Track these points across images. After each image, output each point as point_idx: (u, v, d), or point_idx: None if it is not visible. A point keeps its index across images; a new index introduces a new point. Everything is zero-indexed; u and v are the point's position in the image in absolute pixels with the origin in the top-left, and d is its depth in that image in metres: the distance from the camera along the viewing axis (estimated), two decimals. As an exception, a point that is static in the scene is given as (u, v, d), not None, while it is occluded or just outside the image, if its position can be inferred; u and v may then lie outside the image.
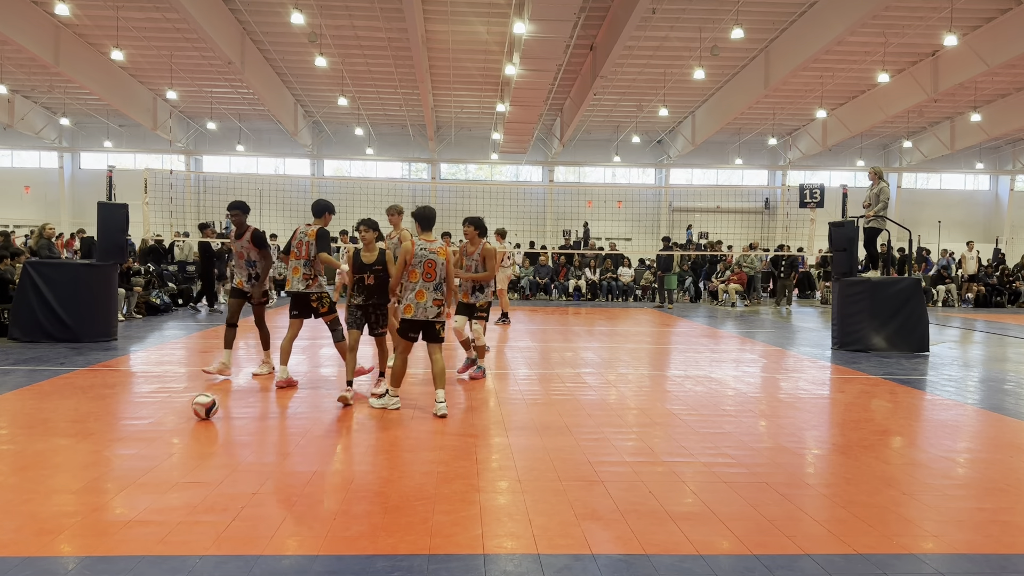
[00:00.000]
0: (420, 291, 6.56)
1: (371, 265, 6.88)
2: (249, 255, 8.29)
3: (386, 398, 6.79)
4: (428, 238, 6.70)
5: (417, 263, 6.57)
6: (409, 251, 6.61)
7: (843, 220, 12.37)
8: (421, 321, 6.59)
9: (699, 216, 34.56)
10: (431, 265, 6.57)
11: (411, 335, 6.66)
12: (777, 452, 5.54)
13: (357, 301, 6.93)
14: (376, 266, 6.88)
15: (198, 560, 3.43)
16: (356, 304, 6.94)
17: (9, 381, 7.72)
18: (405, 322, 6.64)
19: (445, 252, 6.70)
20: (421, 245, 6.62)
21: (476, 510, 4.15)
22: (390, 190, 32.27)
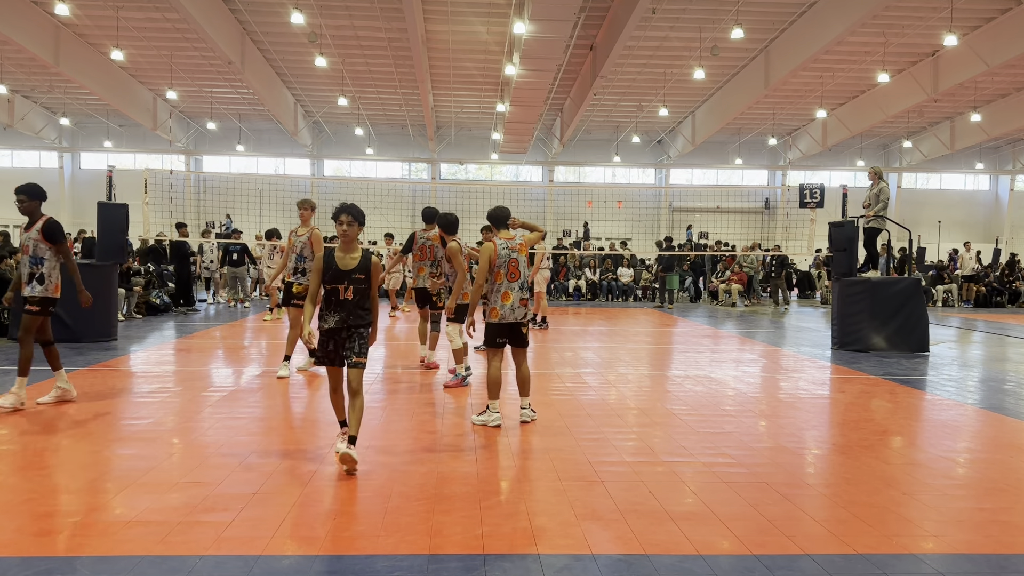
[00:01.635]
0: (506, 292, 6.24)
1: (351, 272, 4.93)
2: (36, 249, 6.72)
3: (487, 414, 6.27)
4: (508, 236, 6.40)
5: (501, 264, 6.24)
6: (493, 252, 6.27)
7: (843, 220, 12.38)
8: (508, 324, 6.27)
9: (699, 216, 34.57)
10: (515, 264, 6.28)
11: (499, 340, 6.30)
12: (777, 452, 5.54)
13: (329, 324, 4.94)
14: (357, 273, 4.93)
15: (198, 560, 3.43)
16: (329, 329, 4.95)
17: (9, 381, 7.72)
18: (492, 327, 6.28)
19: (524, 249, 6.44)
20: (503, 244, 6.31)
21: (476, 510, 4.15)
22: (390, 190, 32.31)
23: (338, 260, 4.96)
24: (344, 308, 4.95)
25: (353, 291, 4.93)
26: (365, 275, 4.97)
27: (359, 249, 5.04)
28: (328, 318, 4.97)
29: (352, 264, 4.96)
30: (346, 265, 4.95)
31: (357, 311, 4.96)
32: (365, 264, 4.99)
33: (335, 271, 4.94)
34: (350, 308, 4.95)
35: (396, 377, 8.73)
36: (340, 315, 4.96)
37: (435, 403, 7.10)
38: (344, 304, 4.95)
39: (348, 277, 4.93)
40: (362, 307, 4.99)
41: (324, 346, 5.01)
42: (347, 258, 4.97)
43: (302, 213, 8.88)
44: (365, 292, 4.99)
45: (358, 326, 4.99)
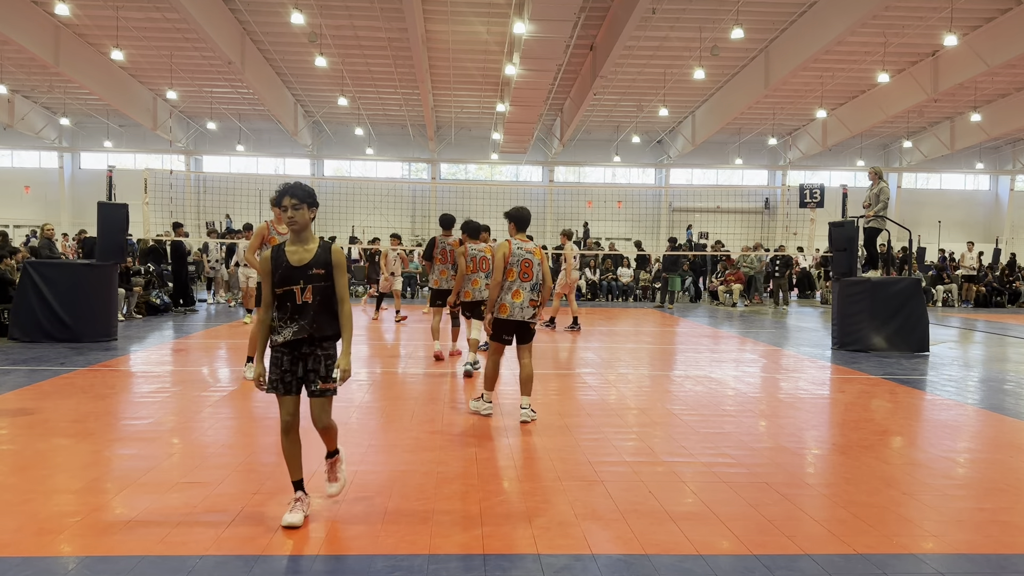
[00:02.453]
0: (517, 291, 6.39)
1: (307, 268, 3.93)
2: None
3: (480, 402, 6.61)
4: (523, 238, 6.59)
5: (515, 262, 6.41)
6: (507, 251, 6.45)
7: (843, 220, 12.38)
8: (515, 322, 6.42)
9: (699, 216, 34.58)
10: (528, 265, 6.43)
11: (505, 337, 6.47)
12: (777, 452, 5.54)
13: (285, 336, 3.92)
14: (315, 269, 3.93)
15: (198, 560, 3.43)
16: (285, 343, 3.94)
17: (9, 381, 7.72)
18: (499, 322, 6.44)
19: (540, 253, 6.62)
20: (517, 244, 6.48)
21: (476, 510, 4.15)
22: (390, 190, 32.32)
23: (289, 255, 3.93)
24: (303, 314, 3.89)
25: (313, 292, 3.90)
26: (326, 270, 3.94)
27: (315, 239, 4.02)
28: (283, 329, 3.91)
29: (307, 257, 3.92)
30: (300, 260, 3.91)
31: (322, 318, 3.92)
32: (324, 256, 3.95)
33: (286, 269, 3.90)
34: (312, 314, 3.89)
35: (395, 377, 8.73)
36: (299, 324, 3.89)
37: (435, 403, 7.10)
38: (303, 309, 3.89)
39: (304, 274, 3.90)
40: (328, 312, 3.95)
41: (277, 365, 3.93)
42: (300, 251, 3.94)
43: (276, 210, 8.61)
44: (329, 292, 3.96)
45: (324, 338, 3.95)
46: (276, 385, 3.96)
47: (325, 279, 3.96)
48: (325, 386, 3.98)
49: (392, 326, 14.36)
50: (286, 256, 3.95)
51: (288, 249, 3.98)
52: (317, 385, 3.97)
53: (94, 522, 3.89)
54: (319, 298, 3.93)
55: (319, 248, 3.99)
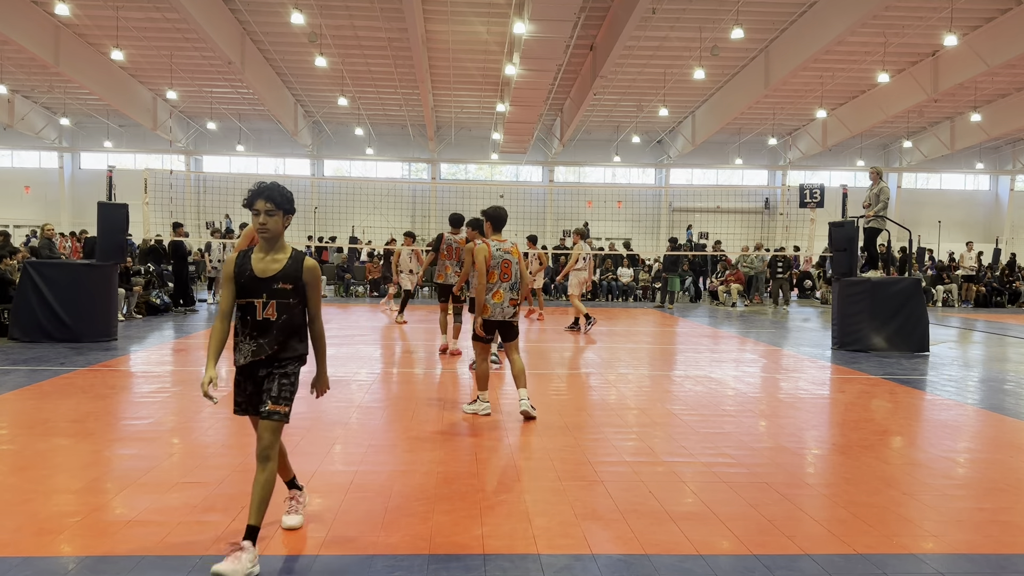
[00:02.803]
0: (498, 292, 6.52)
1: (271, 281, 3.52)
2: None
3: (477, 404, 6.60)
4: (500, 238, 6.70)
5: (495, 264, 6.52)
6: (487, 252, 6.53)
7: (843, 220, 12.38)
8: (498, 321, 6.56)
9: (699, 216, 34.59)
10: (507, 265, 6.56)
11: (488, 336, 6.62)
12: (777, 452, 5.54)
13: (245, 358, 3.58)
14: (281, 283, 3.52)
15: (198, 560, 3.43)
16: (243, 366, 3.61)
17: (9, 381, 7.72)
18: (484, 324, 6.57)
19: (517, 251, 6.74)
20: (496, 246, 6.58)
21: (476, 510, 4.15)
22: (390, 190, 32.32)
23: (254, 263, 3.51)
24: (264, 333, 3.51)
25: (277, 308, 3.49)
26: (294, 285, 3.51)
27: (287, 248, 3.58)
28: (242, 346, 3.56)
29: (274, 269, 3.50)
30: (265, 270, 3.49)
31: (285, 338, 3.53)
32: (294, 270, 3.52)
33: (249, 279, 3.48)
34: (274, 334, 3.51)
35: (396, 376, 8.73)
36: (258, 343, 3.52)
37: (435, 403, 7.10)
38: (264, 327, 3.50)
39: (268, 288, 3.47)
40: (293, 333, 3.55)
41: (241, 388, 3.63)
42: (268, 260, 3.51)
43: None
44: (297, 311, 3.55)
45: (284, 360, 3.55)
46: (244, 407, 3.66)
47: (292, 296, 3.52)
48: (275, 408, 3.50)
49: (395, 325, 14.36)
50: (251, 264, 3.52)
51: (255, 256, 3.54)
52: (266, 406, 3.51)
53: (94, 522, 3.89)
54: (284, 316, 3.51)
55: (290, 260, 3.53)
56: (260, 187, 3.52)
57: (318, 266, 3.67)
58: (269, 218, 3.50)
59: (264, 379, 3.58)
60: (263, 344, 3.53)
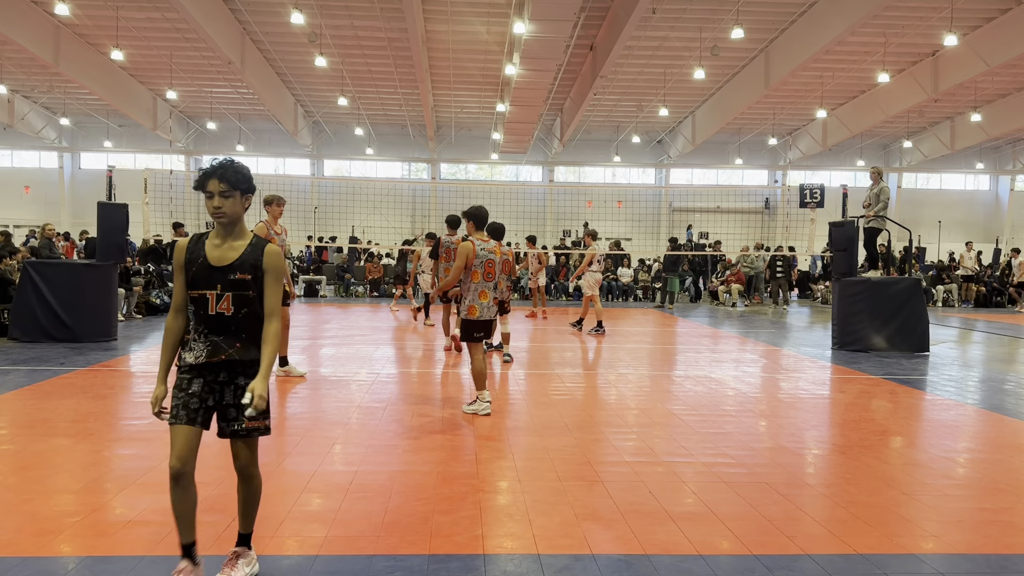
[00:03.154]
0: (483, 291, 6.63)
1: (228, 270, 3.12)
2: None
3: (477, 403, 6.61)
4: (484, 238, 6.79)
5: (479, 264, 6.61)
6: (471, 251, 6.59)
7: (843, 220, 12.38)
8: (484, 321, 6.66)
9: (699, 216, 34.57)
10: (491, 265, 6.68)
11: (476, 335, 6.70)
12: (777, 452, 5.54)
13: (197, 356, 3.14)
14: (239, 272, 3.11)
15: (198, 560, 3.42)
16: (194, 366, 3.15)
17: (9, 381, 7.72)
18: (470, 323, 6.63)
19: (499, 250, 6.87)
20: (481, 245, 6.67)
21: (476, 510, 4.15)
22: (390, 190, 32.31)
23: (209, 250, 3.13)
24: (219, 330, 3.12)
25: (234, 302, 3.10)
26: (253, 275, 3.11)
27: (246, 234, 3.18)
28: (194, 345, 3.14)
29: (231, 257, 3.11)
30: (221, 258, 3.11)
31: (247, 337, 3.14)
32: (253, 257, 3.13)
33: (202, 267, 3.10)
34: (232, 331, 3.12)
35: (396, 376, 8.73)
36: (213, 342, 3.12)
37: (436, 403, 7.10)
38: (219, 324, 3.11)
39: (224, 278, 3.09)
40: (250, 328, 3.15)
41: (182, 387, 3.12)
42: (225, 247, 3.13)
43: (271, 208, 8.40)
44: (258, 305, 3.15)
45: (246, 361, 3.15)
46: (175, 412, 3.09)
47: (252, 287, 3.12)
48: (253, 424, 3.14)
49: (395, 325, 14.35)
50: (205, 251, 3.13)
51: (210, 242, 3.15)
52: (242, 424, 3.14)
53: (94, 522, 3.89)
54: (244, 311, 3.12)
55: (249, 247, 3.15)
56: (212, 166, 3.13)
57: (281, 254, 3.23)
58: (224, 200, 3.10)
59: (226, 387, 3.15)
60: (219, 343, 3.11)
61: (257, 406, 3.01)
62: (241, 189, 3.12)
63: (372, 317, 16.42)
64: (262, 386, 3.05)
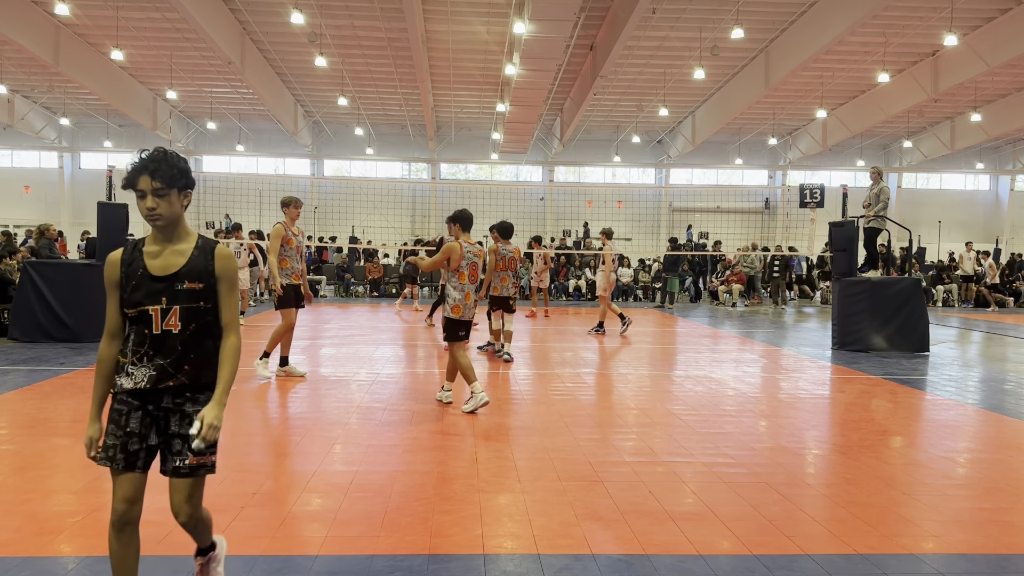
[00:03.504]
0: (468, 293, 6.82)
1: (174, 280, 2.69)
2: None
3: (473, 399, 6.66)
4: (469, 240, 6.92)
5: (465, 265, 6.77)
6: (457, 252, 6.74)
7: (843, 220, 12.38)
8: (467, 321, 6.85)
9: (699, 216, 34.57)
10: (475, 268, 6.86)
11: (461, 333, 6.86)
12: (777, 452, 5.54)
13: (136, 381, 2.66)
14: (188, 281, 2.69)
15: (198, 560, 3.42)
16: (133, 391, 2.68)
17: (9, 381, 7.72)
18: (454, 322, 6.79)
19: (482, 253, 7.09)
20: (468, 248, 6.82)
21: (476, 510, 4.15)
22: (390, 190, 32.31)
23: (148, 258, 2.68)
24: (166, 350, 2.66)
25: (182, 316, 2.66)
26: (205, 283, 2.70)
27: (190, 235, 2.75)
28: (133, 370, 2.66)
29: (177, 264, 2.68)
30: (165, 266, 2.68)
31: (197, 356, 2.70)
32: (203, 263, 2.71)
33: (142, 280, 2.65)
34: (181, 351, 2.67)
35: (396, 376, 8.73)
36: (158, 364, 2.65)
37: (436, 403, 7.10)
38: (165, 343, 2.66)
39: (169, 290, 2.65)
40: (208, 347, 2.72)
41: (119, 423, 2.65)
42: (168, 253, 2.70)
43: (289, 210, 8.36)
44: (210, 318, 2.73)
45: (197, 388, 2.72)
46: (112, 453, 2.63)
47: (203, 298, 2.70)
48: (199, 460, 2.71)
49: (394, 325, 14.35)
50: (143, 260, 2.68)
51: (148, 250, 2.70)
52: (185, 459, 2.68)
53: (94, 522, 3.89)
54: (193, 326, 2.68)
55: (197, 250, 2.72)
56: (142, 160, 2.64)
57: (235, 257, 2.81)
58: (159, 200, 2.63)
59: (171, 415, 2.70)
60: (165, 367, 2.64)
61: (207, 437, 2.58)
62: (178, 186, 2.67)
63: (372, 317, 16.42)
64: (215, 413, 2.62)
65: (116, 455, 2.64)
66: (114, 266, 2.69)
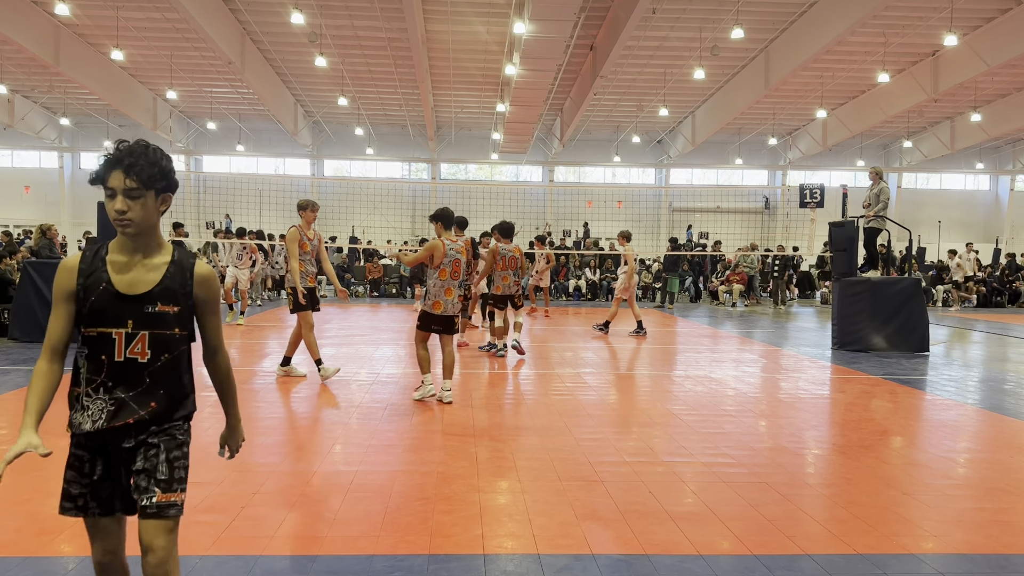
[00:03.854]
0: (449, 288, 6.98)
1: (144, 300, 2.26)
2: None
3: (423, 388, 7.00)
4: (451, 237, 7.10)
5: (447, 263, 6.93)
6: (440, 249, 6.91)
7: (843, 220, 12.38)
8: (445, 316, 6.98)
9: (699, 216, 34.56)
10: (457, 264, 7.00)
11: (434, 327, 7.02)
12: (777, 452, 5.54)
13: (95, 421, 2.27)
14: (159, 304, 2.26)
15: (198, 560, 3.43)
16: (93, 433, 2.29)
17: (9, 381, 7.72)
18: (430, 316, 6.97)
19: (464, 250, 7.25)
20: (450, 245, 6.97)
21: (476, 510, 4.15)
22: (390, 190, 32.31)
23: (113, 271, 2.25)
24: (130, 381, 2.26)
25: (152, 343, 2.26)
26: (181, 306, 2.29)
27: (163, 247, 2.32)
28: (88, 403, 2.27)
29: (149, 281, 2.26)
30: (134, 283, 2.25)
31: (165, 389, 2.30)
32: (179, 280, 2.30)
33: (104, 296, 2.24)
34: (148, 383, 2.27)
35: (396, 376, 8.73)
36: (119, 398, 2.26)
37: (435, 402, 7.10)
38: (130, 373, 2.26)
39: (138, 311, 2.24)
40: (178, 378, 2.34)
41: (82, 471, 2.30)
42: (137, 268, 2.27)
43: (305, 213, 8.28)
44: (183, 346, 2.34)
45: (165, 423, 2.31)
46: (83, 503, 2.27)
47: (178, 323, 2.29)
48: (167, 497, 2.25)
49: (396, 326, 14.34)
50: (107, 272, 2.24)
51: (113, 260, 2.26)
52: (152, 496, 2.23)
53: (94, 522, 3.89)
54: (165, 356, 2.27)
55: (172, 266, 2.29)
56: (118, 151, 2.19)
57: (215, 274, 2.41)
58: (132, 202, 2.17)
59: (135, 454, 2.26)
60: (126, 402, 2.23)
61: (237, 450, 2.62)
62: (157, 188, 2.21)
63: (372, 317, 16.43)
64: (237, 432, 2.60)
65: (88, 503, 2.28)
66: (69, 274, 2.25)
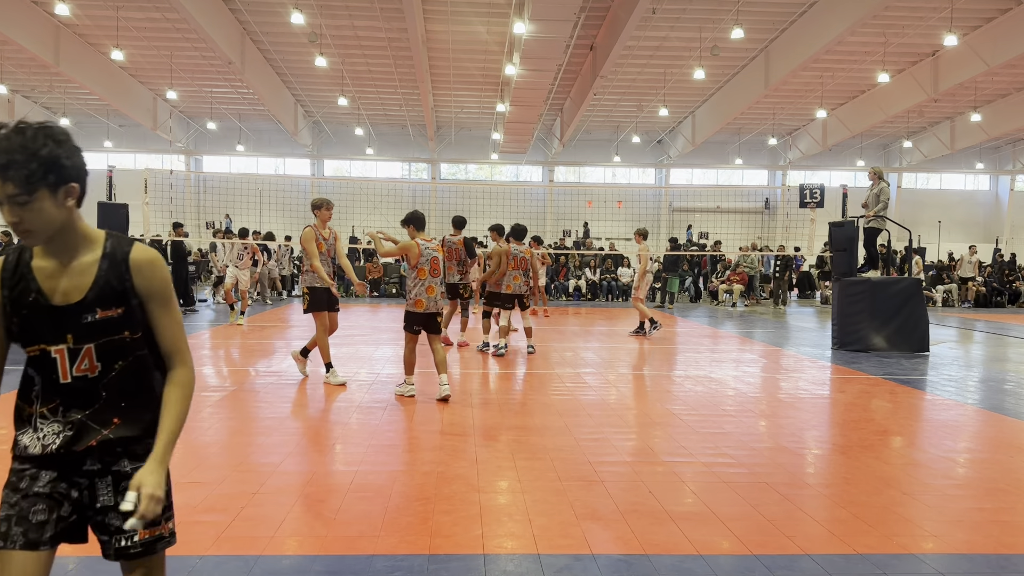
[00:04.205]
0: (430, 286, 7.09)
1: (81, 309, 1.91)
2: None
3: (403, 386, 7.29)
4: (426, 238, 7.26)
5: (424, 262, 7.08)
6: (414, 250, 7.07)
7: (843, 220, 12.38)
8: (426, 314, 7.09)
9: (699, 216, 34.56)
10: (436, 261, 7.15)
11: (416, 328, 7.14)
12: (777, 452, 5.54)
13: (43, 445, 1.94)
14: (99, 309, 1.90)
15: (198, 560, 3.43)
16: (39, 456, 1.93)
17: (9, 381, 7.70)
18: (413, 315, 7.13)
19: (441, 249, 7.47)
20: (424, 245, 7.14)
21: (476, 510, 4.15)
22: (390, 190, 32.31)
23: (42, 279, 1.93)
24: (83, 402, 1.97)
25: (100, 354, 1.96)
26: (124, 307, 1.94)
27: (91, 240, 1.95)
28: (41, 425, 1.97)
29: (81, 285, 1.93)
30: (67, 292, 1.93)
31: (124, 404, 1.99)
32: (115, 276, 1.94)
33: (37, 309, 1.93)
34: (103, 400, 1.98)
35: (395, 376, 8.73)
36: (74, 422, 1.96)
37: (435, 403, 7.10)
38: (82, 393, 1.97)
39: (76, 323, 1.93)
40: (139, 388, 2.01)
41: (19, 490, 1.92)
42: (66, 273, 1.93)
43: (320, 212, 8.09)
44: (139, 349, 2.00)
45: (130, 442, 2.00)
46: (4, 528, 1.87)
47: (126, 326, 1.95)
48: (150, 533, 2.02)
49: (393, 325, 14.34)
50: (35, 280, 1.92)
51: (39, 265, 1.92)
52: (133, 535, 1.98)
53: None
54: (120, 364, 1.97)
55: (104, 261, 1.93)
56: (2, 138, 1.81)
57: (161, 259, 1.99)
58: (23, 210, 1.79)
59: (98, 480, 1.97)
60: (85, 423, 1.94)
61: (145, 514, 1.88)
62: (46, 184, 1.79)
63: (372, 317, 16.43)
64: (155, 480, 1.90)
65: (11, 529, 1.84)
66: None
